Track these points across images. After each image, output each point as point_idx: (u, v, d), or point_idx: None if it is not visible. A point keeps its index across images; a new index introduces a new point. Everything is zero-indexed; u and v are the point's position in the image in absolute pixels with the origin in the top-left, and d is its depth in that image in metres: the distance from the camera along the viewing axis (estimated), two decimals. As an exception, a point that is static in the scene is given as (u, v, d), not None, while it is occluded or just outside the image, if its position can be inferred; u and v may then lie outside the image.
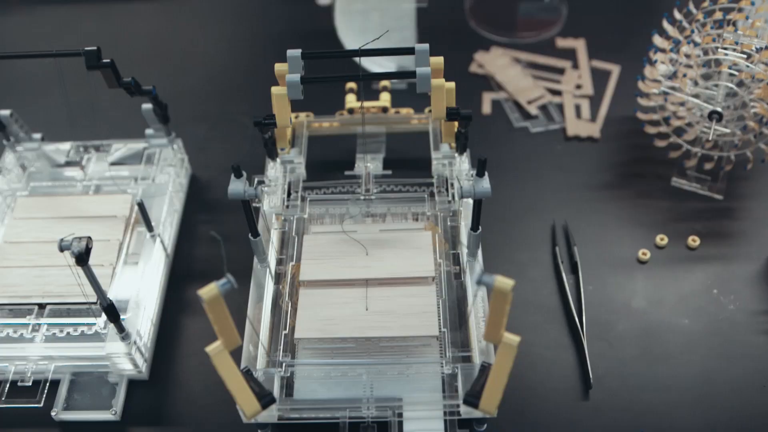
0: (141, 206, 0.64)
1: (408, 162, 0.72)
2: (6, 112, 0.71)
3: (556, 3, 0.91)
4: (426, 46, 0.58)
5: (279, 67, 0.58)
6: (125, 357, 0.60)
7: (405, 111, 0.72)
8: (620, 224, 0.71)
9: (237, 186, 0.52)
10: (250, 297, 0.60)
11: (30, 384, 0.61)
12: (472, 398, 0.49)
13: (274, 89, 0.57)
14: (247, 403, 0.49)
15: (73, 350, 0.60)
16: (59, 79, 0.71)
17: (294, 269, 0.61)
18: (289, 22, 0.95)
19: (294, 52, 0.58)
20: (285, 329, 0.57)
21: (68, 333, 0.62)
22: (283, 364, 0.55)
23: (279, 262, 0.62)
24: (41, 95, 0.88)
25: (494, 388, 0.48)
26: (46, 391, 0.61)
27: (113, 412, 0.60)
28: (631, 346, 0.63)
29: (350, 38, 0.83)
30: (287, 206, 0.65)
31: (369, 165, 0.65)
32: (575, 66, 0.84)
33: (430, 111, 0.72)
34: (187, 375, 0.63)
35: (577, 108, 0.79)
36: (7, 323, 0.62)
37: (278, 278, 0.61)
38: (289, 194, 0.66)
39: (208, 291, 0.45)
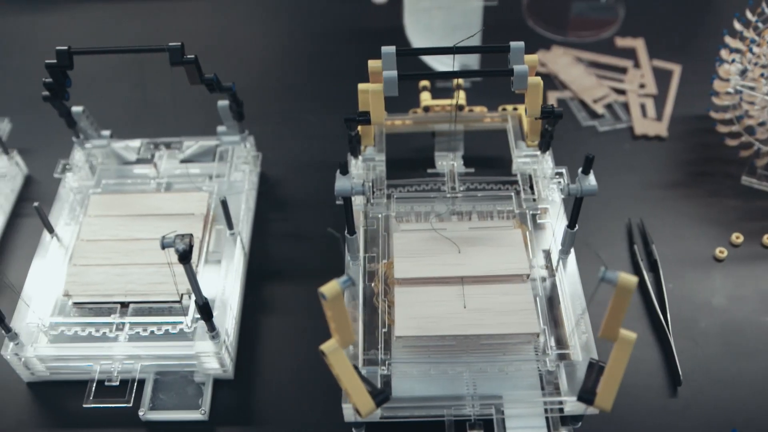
0: (224, 204, 0.64)
1: (484, 160, 0.72)
2: (79, 109, 0.70)
3: (612, 3, 0.91)
4: (521, 44, 0.58)
5: (373, 64, 0.58)
6: (214, 356, 0.59)
7: (478, 109, 0.72)
8: (693, 223, 0.71)
9: (344, 183, 0.51)
10: (345, 295, 0.60)
11: (117, 384, 0.60)
12: (588, 395, 0.49)
13: (370, 86, 0.57)
14: (362, 402, 0.48)
15: (161, 349, 0.59)
16: (138, 76, 0.71)
17: (386, 267, 0.61)
18: (344, 20, 0.94)
19: (389, 49, 0.57)
20: (384, 327, 0.57)
21: (152, 332, 0.61)
22: (387, 362, 0.55)
23: (370, 260, 0.61)
24: (104, 92, 0.87)
25: (610, 384, 0.48)
26: (134, 390, 0.60)
27: (202, 412, 0.59)
28: (716, 343, 0.63)
29: (417, 36, 0.83)
30: (372, 204, 0.65)
31: (454, 163, 0.65)
32: (636, 65, 0.85)
33: (504, 109, 0.73)
34: (270, 374, 0.63)
35: (642, 107, 0.80)
36: (92, 322, 0.61)
37: (370, 276, 0.61)
38: (372, 192, 0.66)
39: (330, 288, 0.45)
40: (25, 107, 0.84)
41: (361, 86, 0.61)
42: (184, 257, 0.51)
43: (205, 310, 0.56)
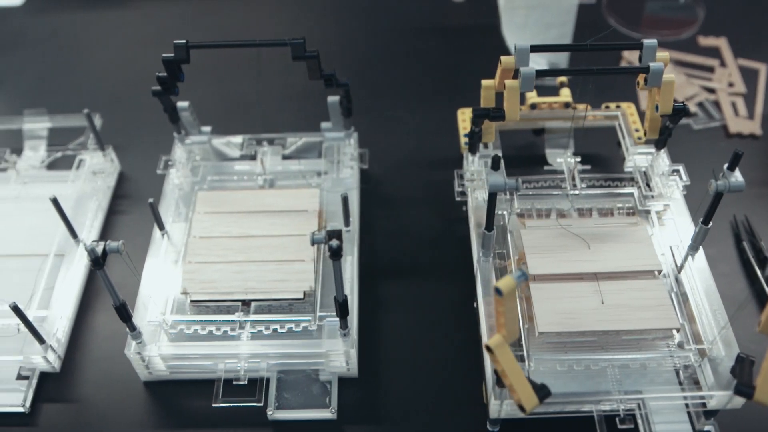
0: (345, 200, 0.63)
1: (590, 157, 0.71)
2: (184, 104, 0.69)
3: (691, 3, 0.92)
4: (654, 42, 0.58)
5: (506, 60, 0.58)
6: (343, 354, 0.59)
7: (581, 106, 0.73)
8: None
9: (497, 178, 0.51)
10: (479, 292, 0.59)
11: (246, 383, 0.60)
12: (747, 388, 0.49)
13: (508, 82, 0.57)
14: (527, 397, 0.48)
15: (288, 348, 0.59)
16: (256, 71, 0.70)
17: (517, 264, 0.60)
18: (425, 18, 0.94)
19: (523, 46, 0.57)
20: (525, 324, 0.57)
21: (274, 330, 0.61)
22: (532, 359, 0.55)
23: (499, 256, 0.61)
24: (198, 87, 0.85)
25: (769, 379, 0.49)
26: (264, 389, 0.59)
27: (332, 411, 0.59)
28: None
29: (512, 33, 0.84)
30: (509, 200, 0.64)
31: (572, 160, 0.65)
32: (722, 64, 0.85)
33: (607, 107, 0.73)
34: (392, 371, 0.62)
35: (733, 105, 0.81)
36: (215, 320, 0.60)
37: (501, 272, 0.61)
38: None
39: (506, 284, 0.45)
40: (108, 104, 0.83)
41: (485, 83, 0.61)
42: (337, 253, 0.51)
43: (344, 307, 0.56)
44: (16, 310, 0.57)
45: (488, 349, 0.48)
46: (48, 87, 0.89)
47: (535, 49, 0.58)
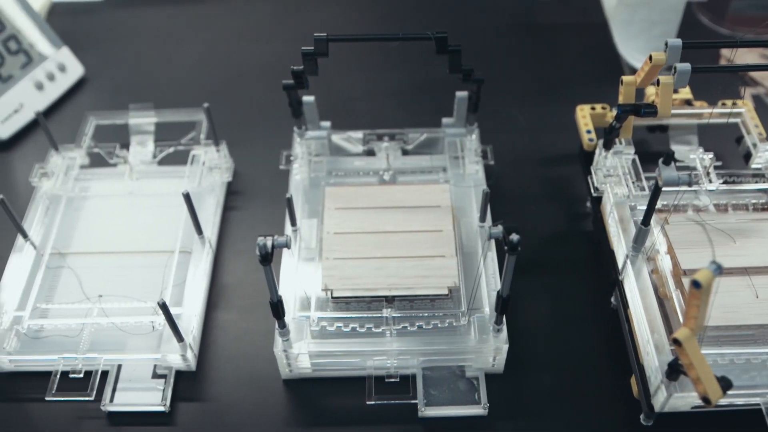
0: (486, 195, 0.63)
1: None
2: (310, 99, 0.68)
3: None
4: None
5: (657, 56, 0.58)
6: (493, 350, 0.58)
7: (698, 103, 0.73)
8: None
9: (671, 173, 0.51)
10: (632, 286, 0.59)
11: (398, 380, 0.59)
12: None
13: (662, 78, 0.57)
14: (712, 389, 0.48)
15: (436, 344, 0.58)
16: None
17: (672, 260, 0.60)
18: (512, 15, 0.94)
19: (675, 42, 0.57)
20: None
21: (419, 326, 0.60)
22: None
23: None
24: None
25: None
26: (417, 387, 0.58)
27: (484, 407, 0.58)
28: None
29: (618, 30, 0.84)
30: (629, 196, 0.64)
31: (706, 156, 0.65)
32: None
33: (723, 104, 0.72)
34: (532, 367, 0.61)
35: None
36: (360, 317, 0.60)
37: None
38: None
39: (705, 276, 0.45)
40: (199, 99, 0.79)
41: (626, 79, 0.61)
42: (514, 248, 0.50)
43: (506, 303, 0.56)
44: (164, 308, 0.56)
45: (676, 341, 0.48)
46: (139, 82, 0.88)
47: (688, 45, 0.58)
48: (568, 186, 0.74)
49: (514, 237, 0.50)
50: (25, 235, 0.67)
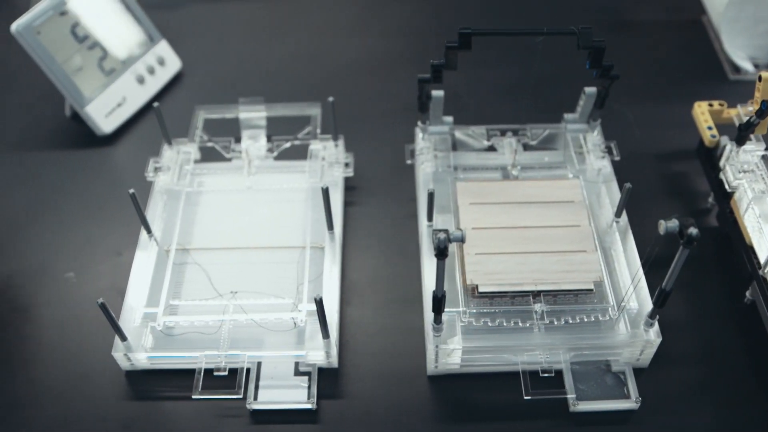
0: (628, 192, 0.63)
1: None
2: (440, 93, 0.68)
3: None
4: None
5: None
6: (643, 344, 0.58)
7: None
8: None
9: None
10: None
11: (553, 374, 0.58)
12: None
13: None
14: None
15: (585, 339, 0.58)
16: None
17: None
18: (601, 13, 0.94)
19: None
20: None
21: (566, 321, 0.60)
22: None
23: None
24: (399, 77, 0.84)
25: None
26: (566, 381, 0.58)
27: (636, 401, 0.58)
28: None
29: (725, 27, 0.84)
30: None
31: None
32: None
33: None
34: (672, 361, 0.61)
35: None
36: (509, 310, 0.59)
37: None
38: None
39: None
40: (299, 93, 0.81)
41: (765, 75, 0.61)
42: (692, 242, 0.50)
43: (666, 297, 0.56)
44: (320, 304, 0.55)
45: None
46: (234, 76, 0.87)
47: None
48: (686, 182, 0.74)
49: (693, 231, 0.50)
50: (149, 231, 0.67)
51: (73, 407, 0.60)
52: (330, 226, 0.66)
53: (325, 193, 0.62)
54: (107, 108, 0.78)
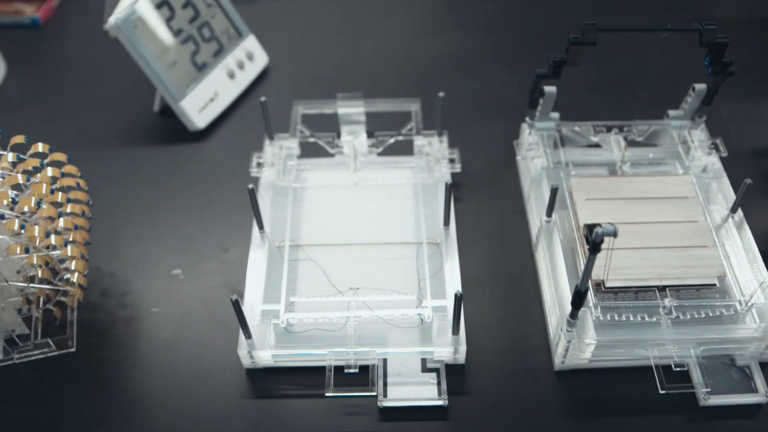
0: (747, 187, 0.63)
1: None
2: (552, 89, 0.68)
3: None
4: None
5: None
6: (773, 339, 0.59)
7: None
8: None
9: None
10: None
11: (686, 368, 0.58)
12: None
13: None
14: None
15: (716, 333, 0.58)
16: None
17: None
18: (681, 10, 0.95)
19: None
20: None
21: (692, 316, 0.60)
22: None
23: None
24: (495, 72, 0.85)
25: None
26: (694, 376, 0.58)
27: (767, 394, 0.58)
28: None
29: None
30: None
31: None
32: None
33: None
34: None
35: None
36: (636, 306, 0.59)
37: None
38: None
39: None
40: (391, 90, 0.81)
41: None
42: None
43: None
44: (458, 300, 0.55)
45: None
46: (322, 70, 0.87)
47: None
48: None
49: None
50: (261, 227, 0.66)
51: (197, 405, 0.59)
52: (446, 222, 0.66)
53: (448, 189, 0.62)
54: (200, 103, 0.77)
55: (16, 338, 0.62)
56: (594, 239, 0.50)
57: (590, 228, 0.51)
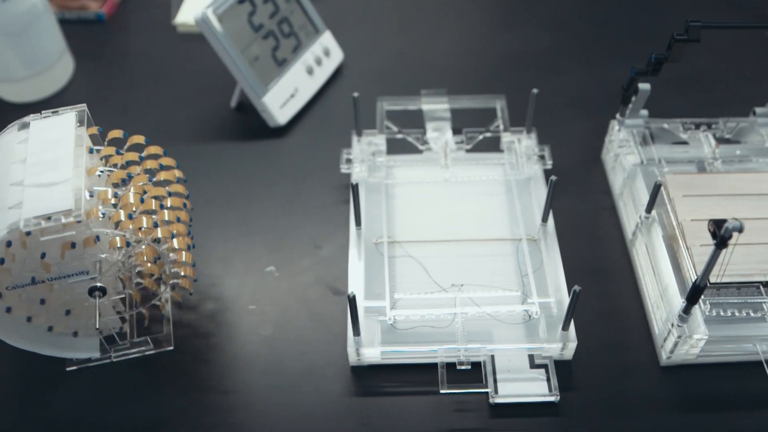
0: (844, 182, 0.64)
1: None
2: (647, 86, 0.67)
3: None
4: None
5: None
6: None
7: None
8: None
9: None
10: None
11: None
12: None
13: None
14: None
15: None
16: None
17: None
18: (744, 8, 0.94)
19: None
20: None
21: (805, 310, 0.61)
22: None
23: None
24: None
25: None
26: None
27: None
28: None
29: None
30: None
31: None
32: None
33: None
34: None
35: None
36: (740, 302, 0.60)
37: None
38: None
39: None
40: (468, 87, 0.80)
41: None
42: None
43: None
44: (575, 295, 0.55)
45: None
46: (394, 66, 0.86)
47: None
48: None
49: None
50: (359, 223, 0.65)
51: (305, 403, 0.59)
52: (545, 218, 0.66)
53: (552, 185, 0.62)
54: (282, 99, 0.76)
55: (116, 336, 0.62)
56: (723, 234, 0.51)
57: (718, 224, 0.51)
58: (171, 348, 0.62)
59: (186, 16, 0.91)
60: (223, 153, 0.77)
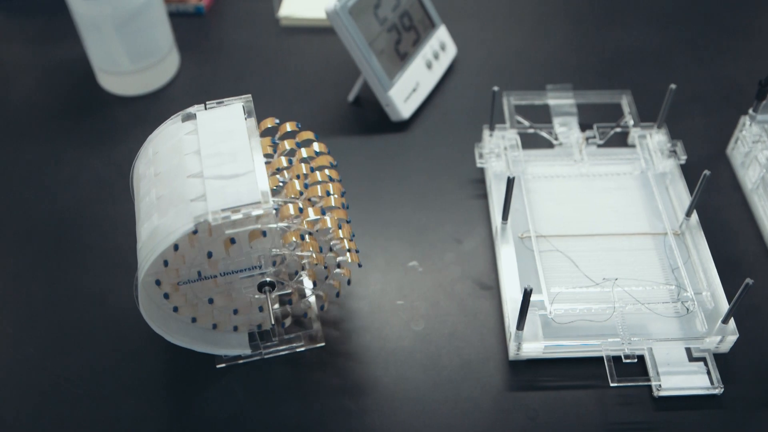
0: None
1: None
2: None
3: None
4: None
5: None
6: None
7: None
8: None
9: None
10: None
11: None
12: None
13: None
14: None
15: None
16: None
17: None
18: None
19: None
20: None
21: None
22: None
23: None
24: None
25: None
26: None
27: None
28: None
29: None
30: None
31: None
32: None
33: None
34: None
35: None
36: None
37: None
38: None
39: None
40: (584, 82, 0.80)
41: None
42: None
43: None
44: (745, 289, 0.55)
45: None
46: (504, 62, 0.86)
47: None
48: None
49: None
50: (506, 218, 0.65)
51: (468, 398, 0.58)
52: (689, 213, 0.66)
53: (704, 179, 0.62)
54: (405, 93, 0.75)
55: (271, 331, 0.61)
56: None
57: None
58: (323, 344, 0.62)
59: (289, 9, 0.89)
60: (347, 148, 0.76)
